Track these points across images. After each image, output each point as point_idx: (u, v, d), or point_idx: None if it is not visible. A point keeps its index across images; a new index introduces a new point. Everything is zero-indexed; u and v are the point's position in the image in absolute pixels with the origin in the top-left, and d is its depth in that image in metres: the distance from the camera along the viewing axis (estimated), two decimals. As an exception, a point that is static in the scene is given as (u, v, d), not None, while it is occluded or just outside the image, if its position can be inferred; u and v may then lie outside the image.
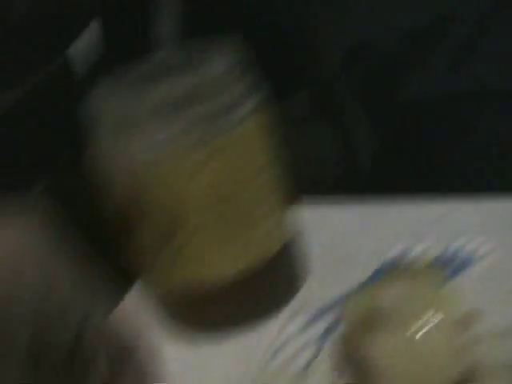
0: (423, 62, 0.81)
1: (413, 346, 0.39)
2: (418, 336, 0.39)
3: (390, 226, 0.63)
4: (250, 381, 0.48)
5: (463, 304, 0.42)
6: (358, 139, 0.99)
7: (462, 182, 0.67)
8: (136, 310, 0.59)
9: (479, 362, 0.43)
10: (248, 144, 0.49)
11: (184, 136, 0.47)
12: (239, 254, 0.50)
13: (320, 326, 0.51)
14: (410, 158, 0.83)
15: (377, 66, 0.89)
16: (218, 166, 0.48)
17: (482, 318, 0.46)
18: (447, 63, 0.79)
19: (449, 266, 0.52)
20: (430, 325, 0.40)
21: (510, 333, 0.45)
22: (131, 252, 0.53)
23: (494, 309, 0.47)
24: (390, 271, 0.46)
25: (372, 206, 0.67)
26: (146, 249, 0.51)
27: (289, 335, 0.51)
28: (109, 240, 0.55)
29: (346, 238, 0.63)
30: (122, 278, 0.58)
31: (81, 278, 0.29)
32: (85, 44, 0.67)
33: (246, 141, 0.49)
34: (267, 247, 0.52)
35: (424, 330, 0.39)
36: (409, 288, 0.41)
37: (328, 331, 0.50)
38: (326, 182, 0.74)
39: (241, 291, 0.52)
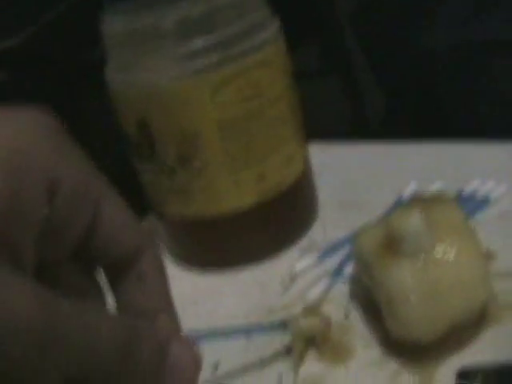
0: (435, 12, 0.80)
1: (434, 271, 0.39)
2: (439, 261, 0.39)
3: (402, 167, 0.63)
4: (265, 309, 0.49)
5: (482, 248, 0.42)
6: (369, 91, 0.99)
7: (475, 128, 0.67)
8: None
9: (494, 300, 0.43)
10: (269, 68, 0.50)
11: (207, 53, 0.46)
12: (253, 184, 0.51)
13: (334, 260, 0.51)
14: (422, 107, 0.83)
15: (388, 17, 0.88)
16: (239, 87, 0.48)
17: (496, 259, 0.47)
18: (460, 13, 0.78)
19: (463, 208, 0.53)
20: (453, 250, 0.39)
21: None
22: (147, 176, 0.53)
23: (507, 250, 0.48)
24: (405, 204, 0.45)
25: (385, 147, 0.67)
26: (163, 172, 0.50)
27: (304, 267, 0.51)
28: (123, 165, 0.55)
29: (358, 179, 0.63)
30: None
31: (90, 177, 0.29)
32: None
33: (266, 65, 0.49)
34: (281, 179, 0.52)
35: (446, 256, 0.39)
36: (428, 215, 0.40)
37: (343, 263, 0.50)
38: (337, 132, 0.74)
39: (254, 223, 0.53)
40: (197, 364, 0.29)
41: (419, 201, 0.43)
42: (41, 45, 0.93)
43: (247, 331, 0.44)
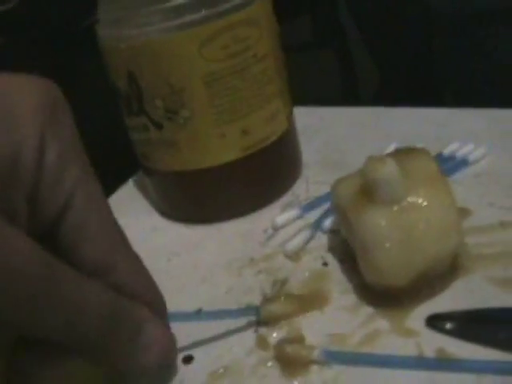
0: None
1: (408, 217, 0.40)
2: (412, 208, 0.40)
3: (385, 131, 0.65)
4: (248, 258, 0.51)
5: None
6: (362, 63, 1.00)
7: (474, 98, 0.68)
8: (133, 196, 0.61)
9: (466, 252, 0.45)
10: (255, 26, 0.51)
11: (195, 8, 0.48)
12: (238, 138, 0.52)
13: (315, 214, 0.53)
14: (415, 81, 0.84)
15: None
16: (225, 43, 0.49)
17: (471, 215, 0.49)
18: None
19: (442, 168, 0.54)
20: (426, 198, 0.41)
21: (493, 230, 0.48)
22: (136, 131, 0.54)
23: (481, 207, 0.50)
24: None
25: (368, 111, 0.69)
26: (150, 126, 0.52)
27: (285, 220, 0.53)
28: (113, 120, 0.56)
29: (341, 141, 0.65)
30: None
31: (72, 151, 0.29)
32: None
33: (252, 22, 0.51)
34: (265, 135, 0.53)
35: (420, 202, 0.40)
36: (403, 165, 0.41)
37: (323, 217, 0.52)
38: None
39: (238, 176, 0.54)
40: (170, 343, 0.33)
41: (395, 153, 0.44)
42: (37, 8, 0.94)
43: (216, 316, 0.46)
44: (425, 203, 0.40)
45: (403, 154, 0.43)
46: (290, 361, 0.41)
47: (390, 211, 0.40)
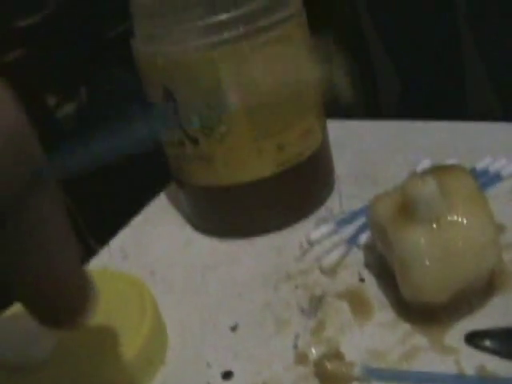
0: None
1: (446, 235, 0.40)
2: (451, 225, 0.41)
3: (416, 144, 0.65)
4: (283, 273, 0.51)
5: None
6: (383, 75, 1.00)
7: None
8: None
9: (503, 269, 0.45)
10: (291, 43, 0.52)
11: (232, 26, 0.49)
12: (274, 153, 0.52)
13: (350, 229, 0.53)
14: (437, 95, 0.84)
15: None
16: (264, 58, 0.50)
17: (506, 231, 0.49)
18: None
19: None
20: (465, 215, 0.41)
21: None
22: (171, 145, 0.55)
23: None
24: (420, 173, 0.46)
25: (399, 124, 0.69)
26: (186, 141, 0.52)
27: (320, 235, 0.53)
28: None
29: (373, 155, 0.65)
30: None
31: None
32: None
33: (288, 39, 0.51)
34: (300, 150, 0.54)
35: (459, 219, 0.41)
36: (442, 182, 0.41)
37: (358, 232, 0.52)
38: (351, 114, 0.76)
39: (273, 192, 0.55)
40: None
41: (433, 170, 0.44)
42: (62, 22, 0.95)
43: None
44: (464, 221, 0.41)
45: (441, 171, 0.44)
46: (330, 377, 0.41)
47: (429, 229, 0.41)
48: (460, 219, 0.41)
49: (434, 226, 0.41)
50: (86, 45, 1.06)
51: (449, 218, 0.41)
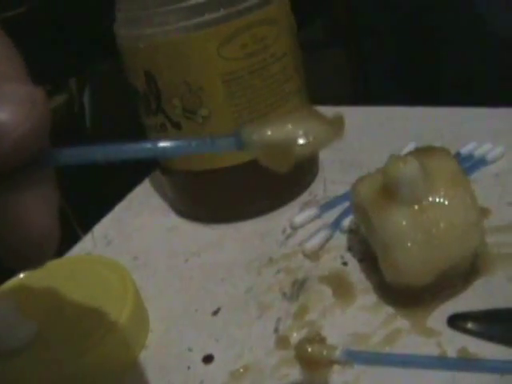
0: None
1: (428, 216, 0.40)
2: (433, 207, 0.40)
3: (401, 130, 0.65)
4: (267, 258, 0.51)
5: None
6: (372, 63, 1.00)
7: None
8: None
9: (486, 252, 0.45)
10: (273, 25, 0.51)
11: (214, 8, 0.48)
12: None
13: (333, 213, 0.53)
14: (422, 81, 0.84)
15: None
16: (244, 42, 0.49)
17: (490, 215, 0.49)
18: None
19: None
20: (447, 197, 0.40)
21: (510, 228, 0.48)
22: (153, 131, 0.54)
23: (501, 207, 0.50)
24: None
25: (385, 110, 0.69)
26: (168, 126, 0.52)
27: (303, 219, 0.53)
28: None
29: (359, 141, 0.65)
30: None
31: None
32: None
33: (271, 22, 0.51)
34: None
35: (441, 201, 0.40)
36: (424, 164, 0.41)
37: (341, 216, 0.52)
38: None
39: (256, 176, 0.54)
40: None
41: (416, 152, 0.44)
42: (50, 11, 0.94)
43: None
44: (446, 202, 0.40)
45: (424, 153, 0.43)
46: (311, 361, 0.40)
47: (411, 211, 0.40)
48: (442, 201, 0.40)
49: (416, 207, 0.40)
50: (75, 35, 1.05)
51: (431, 200, 0.41)
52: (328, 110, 0.63)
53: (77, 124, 1.25)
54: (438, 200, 0.40)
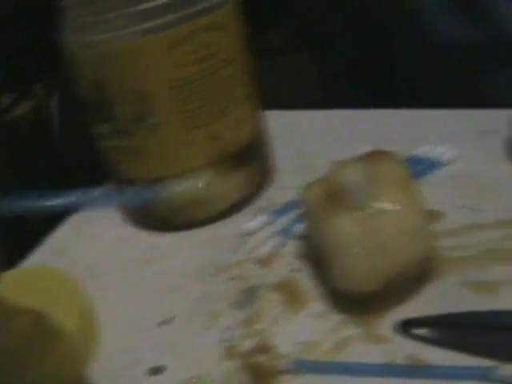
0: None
1: (375, 222, 0.40)
2: (380, 213, 0.40)
3: (357, 134, 0.64)
4: (219, 265, 0.50)
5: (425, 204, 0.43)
6: (336, 67, 0.99)
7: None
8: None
9: (438, 255, 0.45)
10: (221, 31, 0.51)
11: (161, 13, 0.48)
12: (206, 144, 0.51)
13: (286, 220, 0.52)
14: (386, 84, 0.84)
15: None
16: (192, 48, 0.49)
17: (444, 217, 0.49)
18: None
19: (412, 171, 0.54)
20: (394, 203, 0.40)
21: (465, 232, 0.47)
22: (104, 139, 0.54)
23: (454, 209, 0.49)
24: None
25: (340, 114, 0.68)
26: (119, 133, 0.51)
27: (256, 226, 0.52)
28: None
29: (314, 145, 0.64)
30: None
31: None
32: None
33: (219, 27, 0.50)
34: (233, 140, 0.53)
35: (388, 207, 0.40)
36: (370, 169, 0.41)
37: (293, 222, 0.51)
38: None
39: (207, 183, 0.54)
40: None
41: (363, 157, 0.44)
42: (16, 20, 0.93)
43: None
44: (392, 208, 0.40)
45: (371, 158, 0.43)
46: (259, 371, 0.40)
47: (357, 217, 0.40)
48: (388, 206, 0.40)
49: (363, 213, 0.40)
50: (40, 41, 1.04)
51: (378, 206, 0.40)
52: (285, 115, 0.63)
53: (44, 130, 1.24)
54: (384, 206, 0.40)
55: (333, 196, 0.41)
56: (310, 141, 0.65)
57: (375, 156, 0.43)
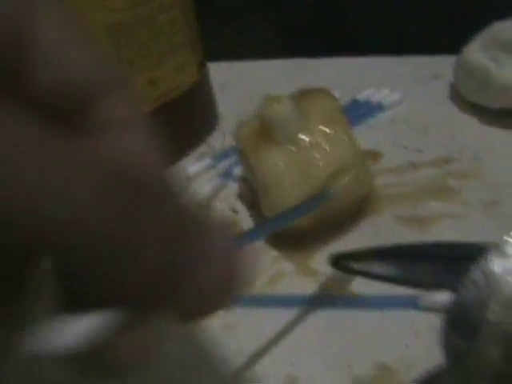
0: None
1: (305, 155, 0.40)
2: (310, 146, 0.40)
3: (303, 81, 0.64)
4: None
5: (365, 145, 0.44)
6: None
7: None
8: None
9: (372, 193, 0.45)
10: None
11: None
12: (146, 90, 0.51)
13: (227, 163, 0.53)
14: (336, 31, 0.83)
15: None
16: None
17: (384, 157, 0.49)
18: None
19: (354, 114, 0.54)
20: (324, 136, 0.40)
21: (402, 170, 0.48)
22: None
23: (394, 150, 0.50)
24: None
25: (286, 63, 0.68)
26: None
27: (197, 170, 0.52)
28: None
29: (259, 94, 0.64)
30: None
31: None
32: None
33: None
34: (173, 86, 0.53)
35: (318, 140, 0.40)
36: (302, 104, 0.41)
37: (233, 165, 0.52)
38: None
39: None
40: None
41: (296, 93, 0.44)
42: None
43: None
44: (323, 142, 0.40)
45: (304, 94, 0.43)
46: (193, 305, 0.40)
47: (287, 151, 0.40)
48: (319, 140, 0.40)
49: (293, 147, 0.40)
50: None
51: (308, 140, 0.40)
52: (231, 66, 0.63)
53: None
54: (314, 139, 0.40)
55: (263, 131, 0.41)
56: (255, 90, 0.65)
57: (309, 93, 0.43)
